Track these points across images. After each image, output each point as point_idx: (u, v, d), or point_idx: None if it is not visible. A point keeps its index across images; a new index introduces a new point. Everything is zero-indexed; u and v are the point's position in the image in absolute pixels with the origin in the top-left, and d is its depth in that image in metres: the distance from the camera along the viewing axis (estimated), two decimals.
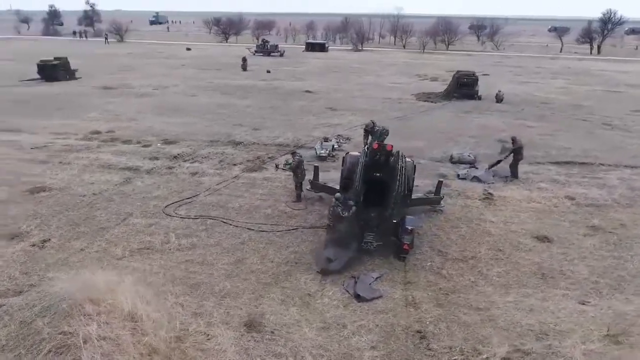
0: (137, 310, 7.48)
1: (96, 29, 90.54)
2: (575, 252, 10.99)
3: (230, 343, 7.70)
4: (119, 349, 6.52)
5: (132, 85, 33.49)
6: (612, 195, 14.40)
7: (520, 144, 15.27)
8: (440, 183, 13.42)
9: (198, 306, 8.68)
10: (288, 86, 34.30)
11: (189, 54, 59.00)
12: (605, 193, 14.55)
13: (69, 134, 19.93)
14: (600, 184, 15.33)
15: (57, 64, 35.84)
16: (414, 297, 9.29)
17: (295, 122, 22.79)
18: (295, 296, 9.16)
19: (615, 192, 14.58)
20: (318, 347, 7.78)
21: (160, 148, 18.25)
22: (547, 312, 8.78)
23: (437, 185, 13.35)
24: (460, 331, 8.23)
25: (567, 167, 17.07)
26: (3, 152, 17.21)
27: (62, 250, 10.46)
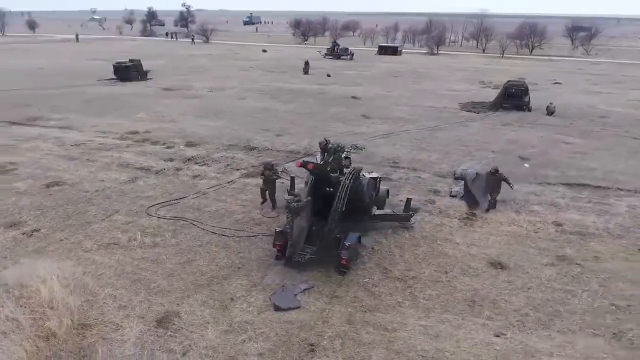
0: (57, 299, 8.56)
1: (189, 30, 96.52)
2: (523, 281, 10.66)
3: (133, 335, 8.57)
4: (18, 329, 7.60)
5: (192, 87, 35.80)
6: (608, 223, 13.55)
7: (500, 177, 14.30)
8: (409, 200, 13.43)
9: (128, 300, 9.66)
10: (338, 91, 34.85)
11: (264, 56, 61.37)
12: (602, 221, 13.71)
13: (109, 133, 22.05)
14: (603, 211, 14.43)
15: (130, 65, 39.17)
16: (331, 311, 9.59)
17: (321, 129, 23.34)
18: (218, 299, 9.85)
19: (613, 221, 13.69)
20: (210, 348, 8.42)
21: (181, 150, 19.68)
22: (452, 340, 8.74)
23: (405, 202, 13.39)
24: (351, 349, 8.48)
25: (577, 190, 16.16)
26: (46, 148, 19.51)
27: (44, 240, 11.96)
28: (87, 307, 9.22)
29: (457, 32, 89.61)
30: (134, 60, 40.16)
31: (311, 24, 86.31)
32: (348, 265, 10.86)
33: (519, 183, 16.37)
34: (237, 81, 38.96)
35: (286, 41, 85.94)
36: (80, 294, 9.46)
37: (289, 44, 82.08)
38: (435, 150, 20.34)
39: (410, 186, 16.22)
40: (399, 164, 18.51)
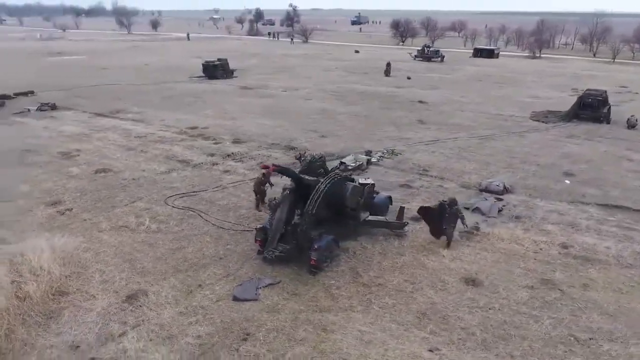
0: (44, 267, 10.10)
1: (292, 30, 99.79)
2: (488, 300, 10.40)
3: (100, 306, 9.85)
4: (0, 289, 9.17)
5: (269, 87, 37.59)
6: (623, 251, 12.54)
7: (456, 212, 12.66)
8: (402, 209, 13.48)
9: (111, 276, 11.01)
10: (408, 95, 34.64)
11: (354, 57, 62.11)
12: (618, 248, 12.71)
13: (172, 127, 24.22)
14: (627, 237, 13.34)
15: (217, 64, 42.01)
16: (283, 307, 10.16)
17: (368, 133, 23.63)
18: (187, 284, 10.85)
19: (630, 249, 12.65)
20: (159, 325, 9.43)
21: (226, 146, 21.13)
22: (382, 348, 8.92)
23: (398, 210, 13.46)
24: (280, 343, 9.01)
25: (610, 212, 15.01)
26: (112, 138, 22.03)
27: (71, 219, 13.83)
28: (74, 277, 10.69)
29: (569, 33, 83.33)
30: (222, 60, 42.97)
31: (410, 25, 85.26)
32: (317, 266, 11.30)
33: (549, 200, 15.63)
34: (314, 82, 40.08)
35: (385, 42, 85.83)
36: (72, 267, 10.95)
37: (387, 44, 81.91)
38: (475, 160, 19.76)
39: (426, 195, 16.07)
40: (429, 172, 18.31)
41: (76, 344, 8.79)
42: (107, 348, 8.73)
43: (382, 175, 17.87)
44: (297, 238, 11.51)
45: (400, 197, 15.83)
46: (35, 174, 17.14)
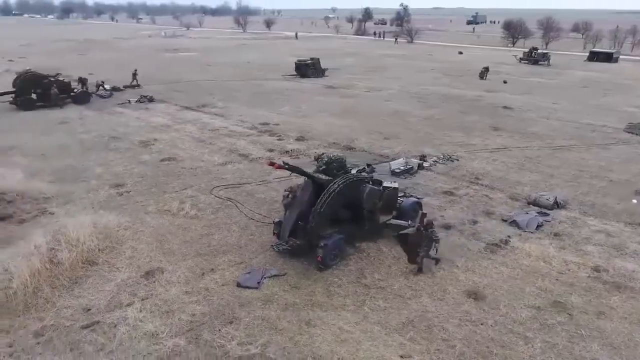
0: (80, 240, 11.65)
1: (402, 29, 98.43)
2: (482, 315, 10.10)
3: (120, 278, 11.17)
4: (38, 253, 10.81)
5: (354, 87, 38.12)
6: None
7: (430, 236, 11.60)
8: (424, 215, 13.32)
9: (140, 252, 12.31)
10: (495, 99, 33.25)
11: (455, 58, 60.45)
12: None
13: (245, 123, 25.73)
14: None
15: (309, 63, 43.35)
16: (279, 298, 10.72)
17: (433, 137, 23.26)
18: (201, 267, 11.82)
19: None
20: (163, 300, 10.47)
21: (288, 143, 22.09)
22: (354, 348, 9.13)
23: (420, 216, 13.33)
24: (258, 330, 9.59)
25: None
26: (189, 130, 24.01)
27: (126, 199, 15.55)
28: (107, 251, 12.15)
29: None
30: (314, 59, 44.24)
31: (522, 25, 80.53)
32: (324, 263, 11.69)
33: (604, 219, 14.53)
34: (403, 83, 39.83)
35: (494, 43, 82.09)
36: (108, 241, 12.44)
37: (496, 46, 78.30)
38: (538, 172, 18.70)
39: (467, 203, 15.65)
40: (481, 180, 17.72)
41: (88, 307, 10.08)
42: (112, 314, 9.90)
43: (429, 180, 17.63)
44: (307, 235, 11.94)
45: (438, 203, 15.59)
46: (112, 159, 19.33)
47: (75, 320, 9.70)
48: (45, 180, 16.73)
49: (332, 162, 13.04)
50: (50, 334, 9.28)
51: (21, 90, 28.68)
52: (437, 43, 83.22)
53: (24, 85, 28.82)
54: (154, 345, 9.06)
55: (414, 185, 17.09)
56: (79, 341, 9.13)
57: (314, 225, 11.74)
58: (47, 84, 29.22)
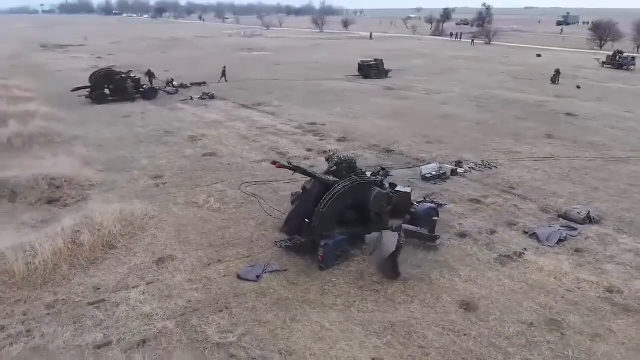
0: (104, 225, 12.77)
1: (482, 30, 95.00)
2: (468, 327, 9.93)
3: (134, 262, 12.13)
4: (63, 234, 12.00)
5: (413, 89, 37.73)
6: None
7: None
8: (434, 222, 13.22)
9: (158, 241, 13.24)
10: (559, 106, 31.59)
11: (532, 61, 57.78)
12: None
13: (294, 122, 26.41)
14: None
15: (372, 64, 43.41)
16: (273, 292, 11.13)
17: (478, 143, 22.65)
18: (210, 258, 12.49)
19: None
20: (166, 285, 11.22)
21: (329, 144, 22.47)
22: (328, 346, 9.36)
23: (431, 223, 13.25)
24: (242, 319, 10.07)
25: None
26: (237, 127, 25.08)
27: (161, 190, 16.66)
28: (128, 237, 13.18)
29: None
30: (377, 60, 44.23)
31: (612, 27, 75.01)
32: (324, 262, 11.97)
33: (633, 236, 13.57)
34: (466, 86, 38.84)
35: (580, 46, 77.24)
36: (131, 228, 13.48)
37: (582, 49, 73.67)
38: (582, 184, 17.74)
39: (492, 213, 15.24)
40: (514, 190, 17.12)
41: (98, 286, 11.06)
42: (117, 294, 10.81)
43: (460, 187, 17.29)
44: (311, 234, 12.26)
45: (461, 211, 15.31)
46: (159, 152, 20.69)
47: (84, 297, 10.69)
48: (95, 169, 18.26)
49: (342, 162, 13.23)
50: (60, 307, 10.31)
51: (96, 85, 31.22)
52: (517, 45, 79.69)
53: (98, 81, 31.37)
54: (146, 325, 9.80)
55: (441, 191, 16.85)
56: (82, 316, 10.06)
57: (317, 224, 12.03)
58: (118, 80, 31.62)
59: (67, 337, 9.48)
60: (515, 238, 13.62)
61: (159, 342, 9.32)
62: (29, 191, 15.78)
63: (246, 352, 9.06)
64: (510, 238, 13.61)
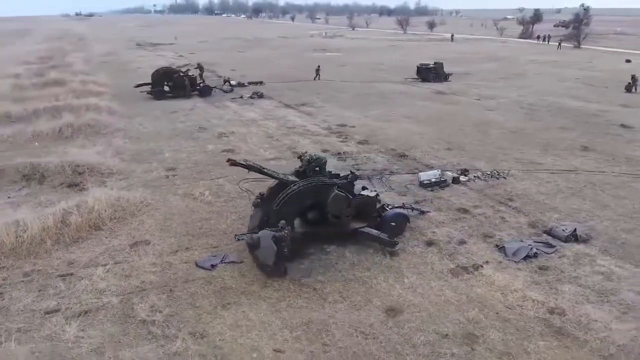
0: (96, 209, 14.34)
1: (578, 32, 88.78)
2: (377, 331, 10.08)
3: (113, 244, 13.54)
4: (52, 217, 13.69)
5: (466, 93, 36.81)
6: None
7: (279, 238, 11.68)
8: (393, 227, 13.37)
9: (142, 226, 14.59)
10: (618, 117, 29.24)
11: (619, 67, 53.58)
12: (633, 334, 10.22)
13: (325, 123, 27.07)
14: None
15: (431, 67, 42.82)
16: (219, 281, 11.93)
17: (501, 152, 21.92)
18: (179, 246, 13.57)
19: None
20: (130, 266, 12.37)
21: (347, 146, 22.91)
22: (239, 334, 10.06)
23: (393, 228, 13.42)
24: (179, 306, 11.00)
25: None
26: (268, 126, 26.22)
27: (167, 182, 18.10)
28: (116, 221, 14.64)
29: None
30: (437, 63, 43.50)
31: None
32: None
33: (624, 260, 12.81)
34: (525, 92, 37.18)
35: None
36: (122, 213, 14.96)
37: None
38: (593, 200, 16.73)
39: (473, 223, 14.97)
40: (512, 202, 16.57)
41: (72, 261, 12.54)
42: (85, 270, 12.21)
43: (455, 195, 17.06)
44: None
45: (442, 219, 15.21)
46: (185, 146, 22.31)
47: (57, 269, 12.20)
48: (120, 159, 20.16)
49: (312, 162, 13.71)
50: (34, 276, 11.88)
51: (156, 82, 33.87)
52: (611, 49, 73.87)
53: (158, 78, 34.00)
54: (95, 299, 11.06)
55: (434, 198, 16.74)
56: (48, 285, 11.54)
57: (271, 222, 12.68)
58: (176, 78, 34.09)
59: (28, 301, 10.92)
60: (483, 250, 13.34)
61: (96, 314, 10.49)
62: (55, 175, 17.87)
63: (162, 330, 9.95)
64: (478, 250, 13.36)
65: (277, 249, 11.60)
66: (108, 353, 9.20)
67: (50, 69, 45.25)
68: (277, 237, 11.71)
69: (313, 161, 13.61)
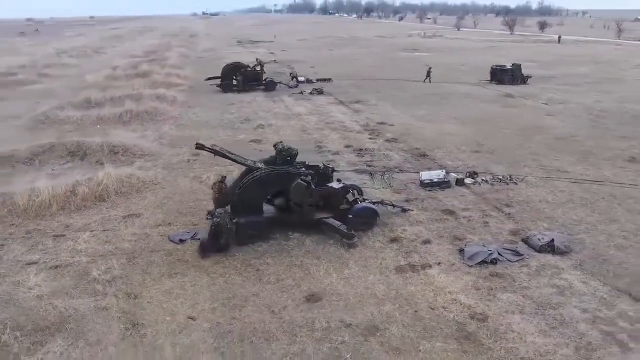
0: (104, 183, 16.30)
1: None
2: (285, 314, 10.53)
3: (110, 214, 15.31)
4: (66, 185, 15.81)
5: (536, 97, 34.76)
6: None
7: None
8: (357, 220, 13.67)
9: (143, 201, 16.28)
10: None
11: None
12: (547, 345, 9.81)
13: (366, 120, 27.40)
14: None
15: (507, 69, 40.88)
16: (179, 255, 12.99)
17: (531, 158, 20.75)
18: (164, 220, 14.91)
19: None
20: (115, 235, 14.05)
21: (374, 142, 23.16)
22: (167, 298, 11.08)
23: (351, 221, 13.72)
24: (133, 268, 12.42)
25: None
26: (308, 120, 27.13)
27: (187, 165, 19.74)
28: (122, 195, 16.45)
29: None
30: (515, 65, 41.40)
31: None
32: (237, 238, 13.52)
33: (593, 276, 11.94)
34: (605, 98, 34.12)
35: None
36: (129, 188, 16.75)
37: None
38: (602, 213, 15.46)
39: (451, 225, 14.68)
40: (508, 208, 15.85)
41: (68, 225, 14.48)
42: (75, 233, 14.03)
43: (452, 196, 16.72)
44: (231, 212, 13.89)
45: (422, 219, 15.08)
46: (222, 135, 23.99)
47: (53, 230, 14.18)
48: (158, 142, 22.27)
49: (283, 152, 14.40)
50: (33, 234, 13.94)
51: (225, 76, 36.28)
52: None
53: (227, 72, 36.38)
54: (69, 257, 12.75)
55: (428, 198, 16.58)
56: (40, 242, 13.49)
57: (235, 204, 13.63)
58: (244, 72, 36.23)
59: (18, 253, 12.91)
60: (443, 252, 13.12)
61: (63, 270, 12.13)
62: (95, 153, 20.29)
63: (103, 287, 11.30)
64: (438, 251, 13.17)
65: (211, 233, 12.58)
66: (47, 300, 10.70)
67: (147, 62, 50.03)
68: (215, 223, 12.59)
69: (284, 151, 14.25)
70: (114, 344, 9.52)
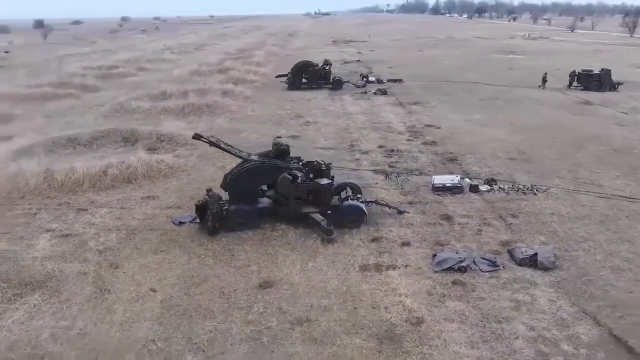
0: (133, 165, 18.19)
1: None
2: (238, 298, 11.26)
3: (131, 195, 17.16)
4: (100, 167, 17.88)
5: (618, 105, 31.88)
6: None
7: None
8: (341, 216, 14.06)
9: (168, 185, 17.94)
10: None
11: None
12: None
13: (413, 121, 27.13)
14: None
15: (594, 74, 37.86)
16: (170, 233, 14.45)
17: (569, 170, 19.32)
18: (175, 203, 16.38)
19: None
20: (128, 212, 15.75)
21: (409, 145, 23.04)
22: (140, 275, 12.46)
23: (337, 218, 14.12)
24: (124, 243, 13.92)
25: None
26: (356, 119, 27.49)
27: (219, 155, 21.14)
28: (149, 179, 18.21)
29: None
30: (604, 70, 38.20)
31: None
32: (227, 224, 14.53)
33: (571, 299, 11.39)
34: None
35: None
36: (156, 173, 18.48)
37: None
38: (617, 232, 14.21)
39: (441, 230, 14.48)
40: (513, 218, 15.20)
41: (93, 201, 16.42)
42: (97, 209, 15.88)
43: (458, 202, 16.32)
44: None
45: (416, 222, 15.03)
46: (265, 129, 25.25)
47: (80, 205, 16.21)
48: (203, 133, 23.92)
49: (279, 145, 15.15)
50: (63, 206, 16.06)
51: (294, 74, 37.69)
52: None
53: (297, 71, 37.75)
54: (80, 229, 14.56)
55: (434, 202, 16.38)
56: (65, 214, 15.53)
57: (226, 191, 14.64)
58: (312, 71, 37.39)
59: (43, 221, 15.01)
60: (417, 255, 13.04)
61: (70, 238, 13.93)
62: (144, 140, 22.45)
63: (92, 256, 12.85)
64: (413, 254, 13.10)
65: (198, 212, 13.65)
66: (41, 262, 12.41)
67: (233, 59, 53.07)
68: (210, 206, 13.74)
69: (280, 146, 14.97)
70: (78, 304, 10.86)
